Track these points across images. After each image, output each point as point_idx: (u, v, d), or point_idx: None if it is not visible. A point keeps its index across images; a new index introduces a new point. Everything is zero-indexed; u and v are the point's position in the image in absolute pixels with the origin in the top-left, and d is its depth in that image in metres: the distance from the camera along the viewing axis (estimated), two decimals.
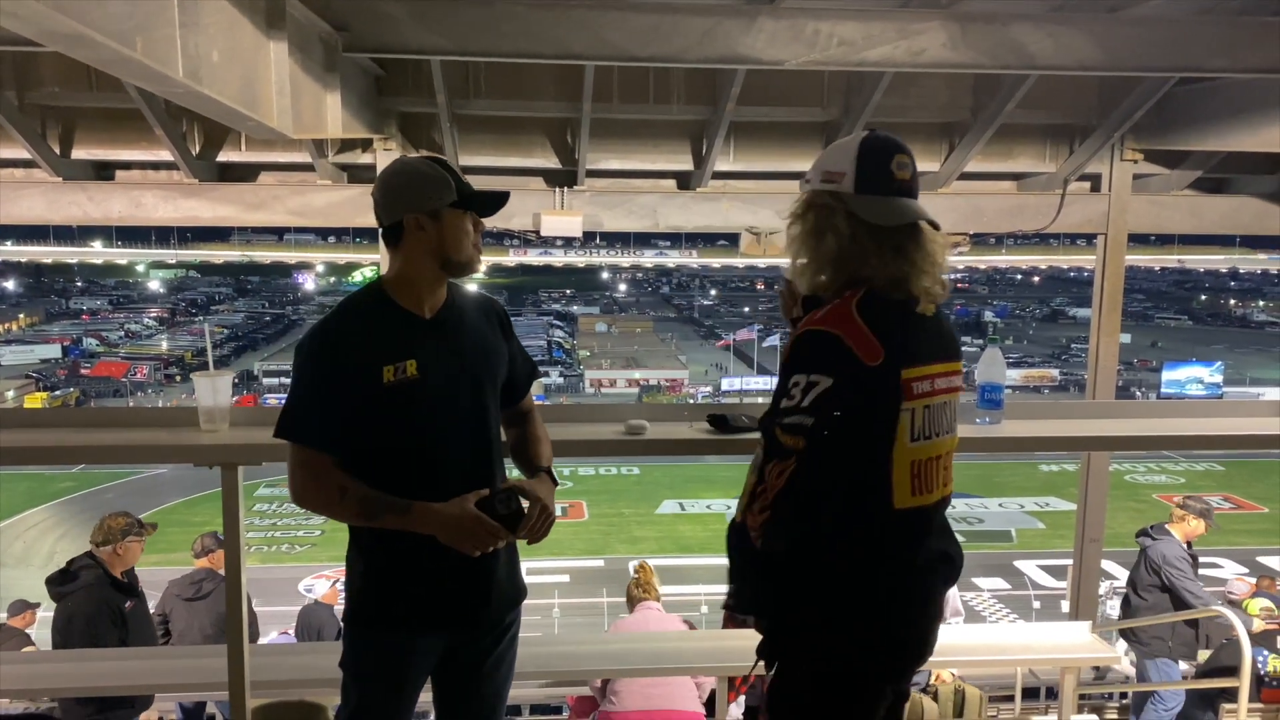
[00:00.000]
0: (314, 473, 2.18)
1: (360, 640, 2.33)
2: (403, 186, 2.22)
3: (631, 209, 7.31)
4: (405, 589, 2.25)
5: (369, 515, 2.18)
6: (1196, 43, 5.33)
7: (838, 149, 2.07)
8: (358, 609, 2.32)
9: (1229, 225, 7.90)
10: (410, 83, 6.45)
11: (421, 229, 2.19)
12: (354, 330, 2.20)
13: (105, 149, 6.81)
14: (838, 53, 5.22)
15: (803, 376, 1.93)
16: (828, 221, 2.02)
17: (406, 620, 2.27)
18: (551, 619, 16.26)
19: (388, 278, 2.27)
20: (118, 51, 2.71)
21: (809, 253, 2.06)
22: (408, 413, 2.19)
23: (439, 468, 2.23)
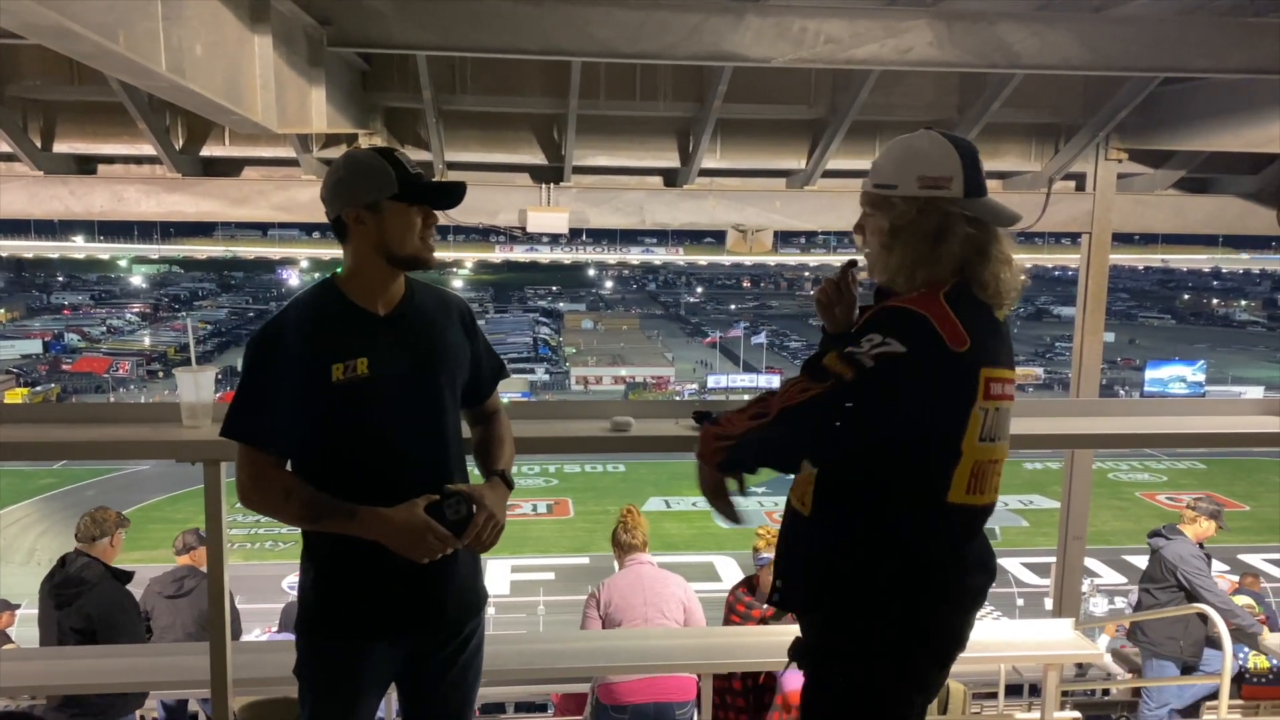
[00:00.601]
0: (258, 472, 2.12)
1: (311, 649, 2.25)
2: (341, 180, 2.15)
3: (618, 205, 7.30)
4: (355, 596, 2.19)
5: (313, 518, 2.12)
6: (1181, 43, 5.36)
7: (928, 152, 2.04)
8: (308, 617, 2.25)
9: (1212, 225, 7.96)
10: (396, 78, 6.42)
11: (361, 223, 2.14)
12: (303, 327, 2.14)
13: (87, 143, 6.76)
14: (824, 50, 5.22)
15: (878, 335, 1.90)
16: (950, 225, 1.99)
17: (357, 628, 2.20)
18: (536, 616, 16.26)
19: (341, 274, 2.21)
20: (100, 44, 2.69)
21: (917, 254, 2.01)
22: (358, 412, 2.12)
23: (391, 469, 2.16)
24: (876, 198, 2.06)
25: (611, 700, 4.28)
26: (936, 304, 1.96)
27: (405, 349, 2.18)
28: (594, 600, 4.44)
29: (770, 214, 7.37)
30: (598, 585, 4.52)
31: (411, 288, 2.27)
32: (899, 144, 2.07)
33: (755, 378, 49.32)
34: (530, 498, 26.57)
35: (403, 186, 2.13)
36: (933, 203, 2.00)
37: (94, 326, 62.76)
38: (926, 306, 1.94)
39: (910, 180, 2.01)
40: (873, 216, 2.07)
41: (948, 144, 2.04)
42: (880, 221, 2.04)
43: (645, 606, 4.28)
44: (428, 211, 2.19)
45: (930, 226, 2.00)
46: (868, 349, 1.89)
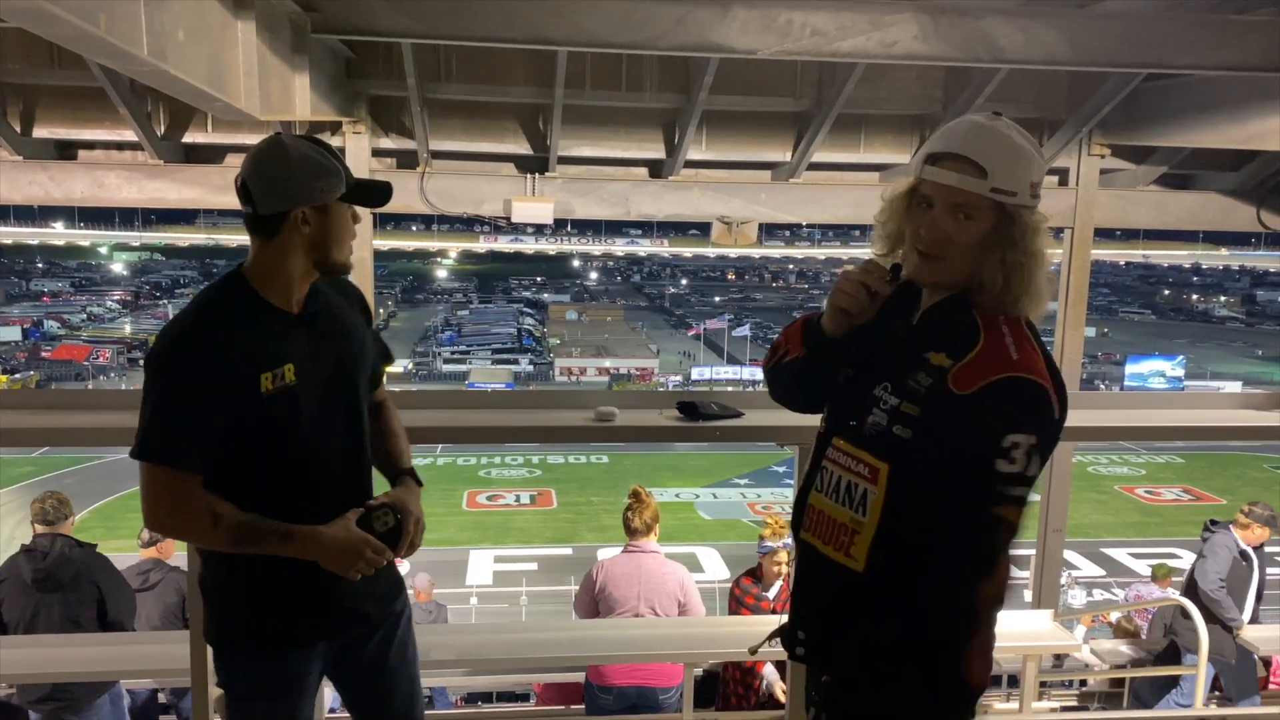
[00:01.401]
0: (180, 497, 1.93)
1: (237, 663, 2.11)
2: (291, 176, 1.95)
3: (603, 196, 7.29)
4: (283, 605, 2.05)
5: (246, 542, 1.95)
6: (1164, 39, 5.39)
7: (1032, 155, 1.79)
8: (229, 631, 2.10)
9: (1193, 221, 8.02)
10: (380, 66, 6.38)
11: (306, 223, 1.97)
12: (225, 333, 1.93)
13: (67, 128, 6.69)
14: (810, 43, 5.23)
15: (1022, 437, 1.68)
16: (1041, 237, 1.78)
17: (293, 638, 2.08)
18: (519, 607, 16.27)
19: (252, 270, 2.01)
20: (80, 28, 2.65)
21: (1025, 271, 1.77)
22: (285, 422, 1.97)
23: (317, 480, 2.03)
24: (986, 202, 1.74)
25: (599, 681, 4.36)
26: (1037, 359, 1.76)
27: (325, 350, 2.04)
28: (590, 581, 4.45)
29: (755, 206, 7.37)
30: (597, 565, 4.50)
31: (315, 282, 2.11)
32: (1005, 142, 1.77)
33: (739, 369, 49.46)
34: (513, 488, 26.56)
35: (348, 186, 2.01)
36: (1033, 212, 1.78)
37: (74, 314, 62.27)
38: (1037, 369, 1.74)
39: (1025, 187, 1.76)
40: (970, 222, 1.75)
41: (1038, 147, 1.84)
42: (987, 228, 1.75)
43: (638, 600, 4.27)
44: (355, 211, 2.07)
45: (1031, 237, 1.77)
46: (1023, 467, 1.69)
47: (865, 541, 1.80)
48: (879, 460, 1.78)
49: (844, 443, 1.85)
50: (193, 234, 52.68)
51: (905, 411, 1.76)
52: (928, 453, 1.73)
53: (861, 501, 1.80)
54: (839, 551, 1.83)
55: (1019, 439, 1.68)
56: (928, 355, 1.77)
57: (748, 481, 27.11)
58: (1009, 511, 1.70)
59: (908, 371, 1.78)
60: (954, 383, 1.72)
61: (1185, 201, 7.77)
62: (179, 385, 1.93)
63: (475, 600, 16.67)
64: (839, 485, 1.84)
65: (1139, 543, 21.22)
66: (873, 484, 1.79)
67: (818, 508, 1.89)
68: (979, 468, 1.69)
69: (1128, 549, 21.04)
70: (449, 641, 3.76)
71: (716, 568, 19.29)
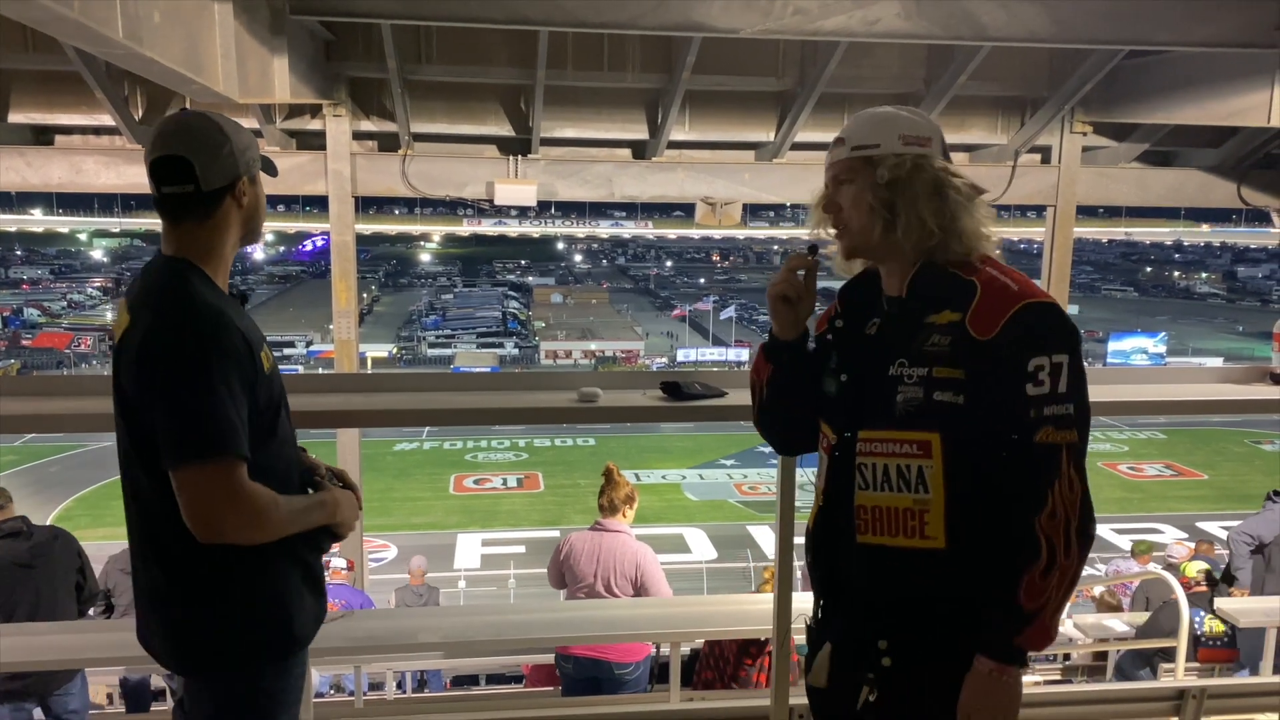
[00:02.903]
0: (243, 489, 1.79)
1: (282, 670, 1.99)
2: (233, 147, 1.88)
3: (586, 178, 7.27)
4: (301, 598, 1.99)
5: (295, 522, 1.89)
6: (1144, 16, 5.40)
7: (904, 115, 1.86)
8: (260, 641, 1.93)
9: (1174, 198, 8.06)
10: (360, 47, 6.33)
11: (244, 195, 1.91)
12: (226, 315, 1.84)
13: (43, 113, 6.62)
14: (793, 21, 5.21)
15: (1045, 358, 1.68)
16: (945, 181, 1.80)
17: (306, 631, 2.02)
18: (507, 590, 16.29)
19: (194, 254, 1.89)
20: (53, 10, 2.63)
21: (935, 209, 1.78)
22: (281, 401, 1.97)
23: (293, 453, 2.04)
24: (855, 162, 1.82)
25: (563, 651, 4.45)
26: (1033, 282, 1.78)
27: (255, 330, 1.95)
28: (556, 552, 4.56)
29: (739, 186, 7.37)
30: (565, 539, 4.60)
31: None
32: (870, 113, 1.88)
33: (724, 351, 49.51)
34: (500, 471, 26.56)
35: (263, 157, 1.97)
36: (921, 159, 1.80)
37: (54, 301, 61.73)
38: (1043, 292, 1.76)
39: (893, 139, 1.81)
40: (849, 184, 1.83)
41: (920, 111, 1.91)
42: (864, 186, 1.80)
43: (595, 578, 4.35)
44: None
45: (927, 181, 1.79)
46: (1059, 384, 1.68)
47: (938, 516, 1.75)
48: (926, 433, 1.75)
49: (876, 431, 1.79)
50: None
51: (940, 376, 1.73)
52: (977, 409, 1.71)
53: (919, 480, 1.76)
54: (913, 537, 1.76)
55: (1042, 360, 1.68)
56: (929, 319, 1.77)
57: (734, 462, 27.17)
58: (1050, 434, 1.67)
59: (917, 339, 1.77)
60: (975, 330, 1.72)
61: (1166, 178, 7.81)
62: (219, 370, 1.78)
63: (464, 584, 16.68)
64: (887, 473, 1.78)
65: (1122, 518, 21.36)
66: (926, 458, 1.75)
67: (870, 505, 1.80)
68: (1011, 400, 1.68)
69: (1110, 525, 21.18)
70: (435, 624, 3.77)
71: (704, 548, 19.38)
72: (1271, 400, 3.02)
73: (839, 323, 1.95)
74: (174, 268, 1.88)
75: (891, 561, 1.78)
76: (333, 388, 2.76)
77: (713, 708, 3.45)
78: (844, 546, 1.85)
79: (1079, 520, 1.68)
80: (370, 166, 7.03)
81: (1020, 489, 1.69)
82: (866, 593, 1.84)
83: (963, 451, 1.73)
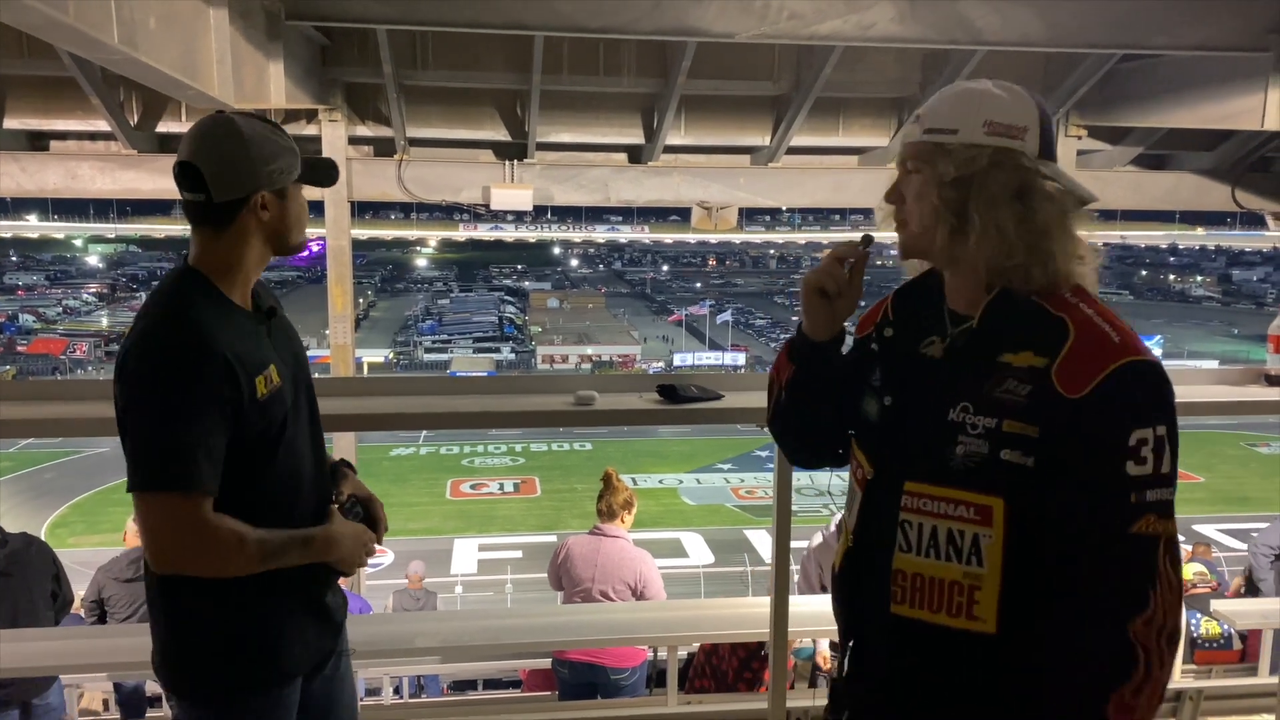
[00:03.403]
0: (200, 525, 1.71)
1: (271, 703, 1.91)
2: (249, 158, 1.79)
3: (582, 182, 7.28)
4: (298, 630, 1.92)
5: (270, 558, 1.79)
6: (1138, 20, 5.42)
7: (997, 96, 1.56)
8: (244, 672, 1.87)
9: (1169, 201, 8.09)
10: (356, 53, 6.34)
11: (265, 209, 1.81)
12: (220, 337, 1.75)
13: (39, 119, 6.62)
14: (788, 26, 5.23)
15: (1149, 431, 1.41)
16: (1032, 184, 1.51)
17: (297, 664, 1.94)
18: (504, 595, 16.27)
19: (208, 264, 1.83)
20: (48, 15, 2.63)
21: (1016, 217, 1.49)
22: (279, 427, 1.84)
23: (297, 484, 1.91)
24: (927, 148, 1.53)
25: (560, 656, 4.43)
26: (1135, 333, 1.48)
27: (285, 348, 1.91)
28: (555, 554, 4.56)
29: (735, 191, 7.38)
30: (563, 542, 4.60)
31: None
32: (957, 88, 1.58)
33: (720, 355, 49.57)
34: (497, 476, 26.53)
35: (304, 167, 1.86)
36: (1006, 154, 1.51)
37: (50, 307, 61.66)
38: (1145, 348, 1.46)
39: (975, 124, 1.52)
40: (917, 174, 1.54)
41: (1021, 90, 1.57)
42: (937, 175, 1.52)
43: (592, 583, 4.35)
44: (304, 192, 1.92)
45: (1008, 183, 1.49)
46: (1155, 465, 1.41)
47: (991, 596, 1.47)
48: (988, 496, 1.46)
49: (925, 485, 1.51)
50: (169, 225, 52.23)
51: (1011, 432, 1.44)
52: (1054, 477, 1.42)
53: (974, 550, 1.47)
54: (958, 616, 1.49)
55: (1145, 433, 1.40)
56: (1004, 359, 1.47)
57: (731, 466, 27.16)
58: (1152, 523, 1.41)
59: (988, 382, 1.47)
60: (1062, 385, 1.42)
61: (1161, 182, 7.83)
62: (186, 396, 1.70)
63: (460, 589, 16.66)
64: (934, 537, 1.50)
65: None
66: (985, 526, 1.46)
67: (911, 572, 1.52)
68: (1106, 479, 1.41)
69: None
70: (432, 629, 3.76)
71: (701, 552, 19.36)
72: (1266, 402, 3.03)
73: (888, 331, 1.65)
74: (180, 280, 1.83)
75: (929, 641, 1.52)
76: (328, 392, 2.75)
77: (710, 711, 3.45)
78: (872, 611, 1.60)
79: (1173, 625, 1.43)
80: (366, 171, 7.04)
81: (1114, 587, 1.41)
82: (893, 670, 1.60)
83: (1029, 523, 1.45)
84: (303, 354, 2.00)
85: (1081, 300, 1.50)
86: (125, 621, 5.36)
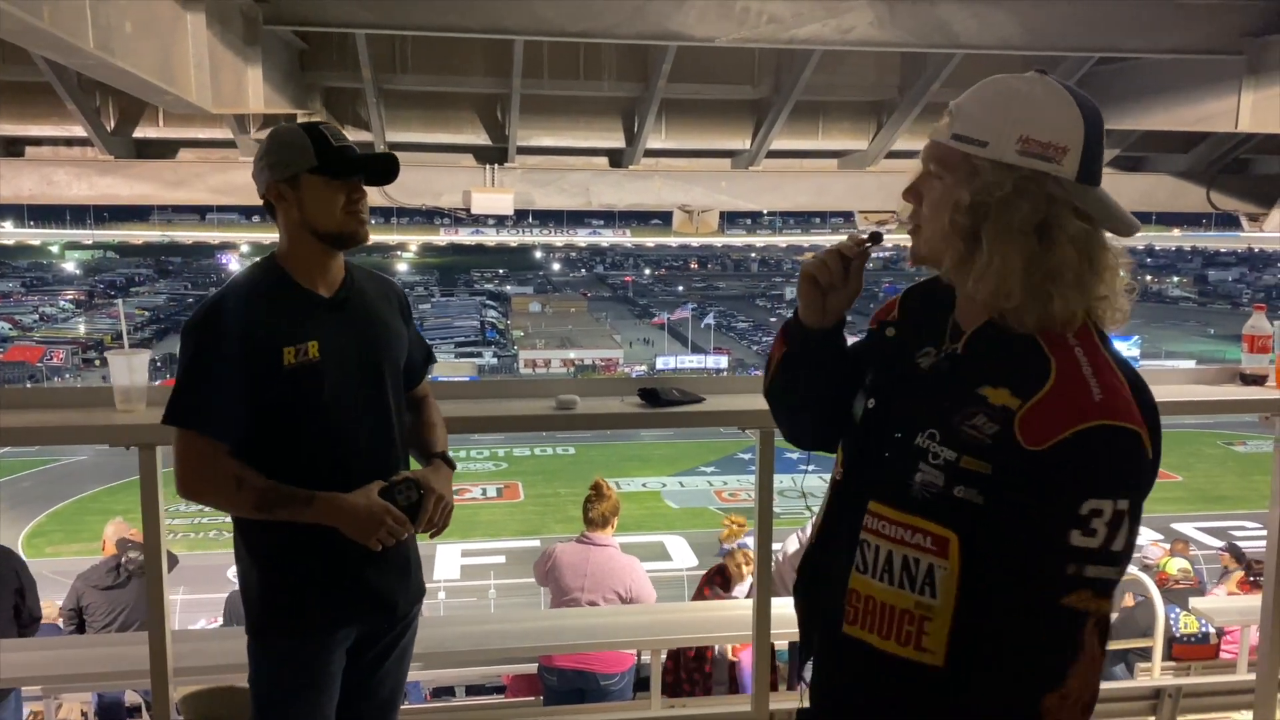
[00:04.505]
0: (207, 462, 2.04)
1: (278, 654, 2.17)
2: (262, 157, 2.12)
3: (563, 186, 7.27)
4: (312, 589, 2.13)
5: (267, 507, 2.04)
6: (1115, 23, 5.47)
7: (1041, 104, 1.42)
8: (270, 620, 2.16)
9: (1145, 203, 8.13)
10: (335, 57, 6.30)
11: (283, 199, 2.10)
12: (252, 308, 2.07)
13: (13, 124, 6.55)
14: (767, 30, 5.24)
15: (1106, 503, 1.32)
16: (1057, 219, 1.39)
17: (315, 623, 2.14)
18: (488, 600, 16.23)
19: (279, 252, 2.17)
20: (23, 20, 2.60)
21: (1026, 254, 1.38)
22: (309, 397, 2.07)
23: (340, 455, 2.11)
24: (952, 154, 1.43)
25: (547, 663, 4.43)
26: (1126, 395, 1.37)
27: (352, 333, 2.14)
28: (544, 559, 4.56)
29: (716, 194, 7.39)
30: (550, 548, 4.60)
31: (351, 271, 2.22)
32: (999, 85, 1.46)
33: (703, 358, 49.63)
34: (479, 481, 26.45)
35: (321, 159, 2.06)
36: (1035, 180, 1.38)
37: (26, 314, 61.08)
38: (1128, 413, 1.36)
39: (1008, 138, 1.39)
40: (938, 180, 1.45)
41: (1070, 99, 1.43)
42: (955, 192, 1.41)
43: (582, 592, 4.35)
44: (354, 186, 2.12)
45: (1030, 215, 1.37)
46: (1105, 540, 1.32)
47: (942, 629, 1.42)
48: (945, 528, 1.41)
49: (887, 508, 1.47)
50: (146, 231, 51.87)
51: (968, 468, 1.38)
52: (1000, 521, 1.37)
53: (928, 581, 1.42)
54: (907, 646, 1.44)
55: (1101, 505, 1.31)
56: (982, 391, 1.39)
57: (714, 469, 27.20)
58: (1084, 600, 1.32)
59: (959, 414, 1.40)
60: (1023, 433, 1.34)
61: (1138, 184, 7.89)
62: (203, 354, 2.05)
63: (443, 595, 16.62)
64: (891, 562, 1.45)
65: None
66: (941, 558, 1.41)
67: (865, 593, 1.48)
68: (1048, 544, 1.33)
69: None
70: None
71: (684, 556, 19.39)
72: (1241, 400, 3.06)
73: (890, 331, 1.60)
74: (256, 265, 2.18)
75: (875, 665, 1.48)
76: None
77: (694, 715, 3.46)
78: (826, 624, 1.57)
79: (1090, 695, 1.37)
80: None
81: (1032, 656, 1.36)
82: (836, 687, 1.59)
83: (984, 561, 1.40)
84: (380, 343, 2.20)
85: (1082, 343, 1.40)
86: (103, 630, 5.32)
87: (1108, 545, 1.32)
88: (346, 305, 2.17)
